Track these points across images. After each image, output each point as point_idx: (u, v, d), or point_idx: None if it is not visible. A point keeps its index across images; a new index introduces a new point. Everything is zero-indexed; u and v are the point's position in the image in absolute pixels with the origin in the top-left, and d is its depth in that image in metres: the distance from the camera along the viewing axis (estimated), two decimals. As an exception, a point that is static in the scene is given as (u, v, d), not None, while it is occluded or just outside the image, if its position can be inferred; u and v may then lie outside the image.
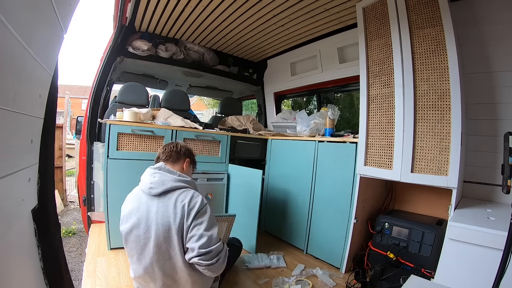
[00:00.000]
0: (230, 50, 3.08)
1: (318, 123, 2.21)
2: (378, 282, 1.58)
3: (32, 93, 0.69)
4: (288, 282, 1.64)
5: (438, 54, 1.41)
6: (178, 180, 1.17)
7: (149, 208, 1.13)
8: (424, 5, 1.45)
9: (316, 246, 2.06)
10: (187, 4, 2.10)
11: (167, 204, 1.11)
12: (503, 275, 0.81)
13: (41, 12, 0.63)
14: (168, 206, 1.11)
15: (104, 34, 42.26)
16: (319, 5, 1.97)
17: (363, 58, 1.73)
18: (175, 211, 1.09)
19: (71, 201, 4.81)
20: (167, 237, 1.09)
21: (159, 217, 1.10)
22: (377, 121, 1.66)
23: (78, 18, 44.44)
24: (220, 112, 3.24)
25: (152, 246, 1.10)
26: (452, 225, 1.14)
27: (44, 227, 0.79)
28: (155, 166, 1.23)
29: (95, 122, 2.31)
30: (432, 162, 1.42)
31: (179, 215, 1.09)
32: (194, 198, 1.13)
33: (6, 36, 0.49)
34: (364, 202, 1.80)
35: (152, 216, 1.11)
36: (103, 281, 1.52)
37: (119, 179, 1.87)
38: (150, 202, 1.14)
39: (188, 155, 1.34)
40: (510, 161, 0.89)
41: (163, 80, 3.57)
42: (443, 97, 1.39)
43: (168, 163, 1.26)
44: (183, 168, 1.31)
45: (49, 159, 0.86)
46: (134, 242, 1.15)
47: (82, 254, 2.89)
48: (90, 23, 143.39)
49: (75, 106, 16.56)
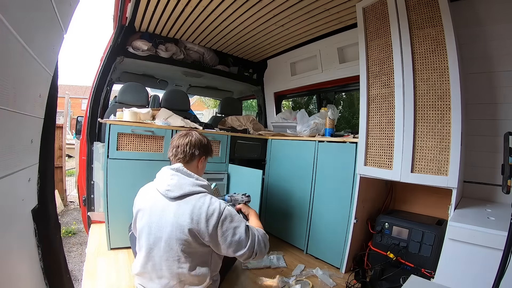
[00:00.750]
0: (230, 50, 3.08)
1: (318, 123, 2.21)
2: (378, 282, 1.58)
3: (32, 93, 0.69)
4: (288, 282, 1.64)
5: (438, 54, 1.41)
6: (196, 184, 1.16)
7: (164, 209, 1.13)
8: (424, 5, 1.45)
9: (316, 246, 2.06)
10: (187, 4, 2.10)
11: (185, 208, 1.10)
12: (503, 275, 0.81)
13: (41, 12, 0.63)
14: (185, 210, 1.10)
15: (104, 34, 42.27)
16: (319, 5, 1.97)
17: (363, 58, 1.73)
18: (192, 217, 1.08)
19: (71, 201, 4.81)
20: (179, 239, 1.09)
21: (175, 220, 1.10)
22: (377, 121, 1.66)
23: (78, 18, 44.37)
24: (220, 112, 3.24)
25: (163, 246, 1.11)
26: (452, 225, 1.14)
27: (44, 227, 0.79)
28: (173, 167, 1.20)
29: (95, 122, 2.31)
30: (432, 162, 1.42)
31: (195, 220, 1.08)
32: (212, 205, 1.11)
33: (6, 36, 0.49)
34: (364, 202, 1.80)
35: (167, 217, 1.11)
36: (103, 281, 1.52)
37: (119, 179, 1.87)
38: (165, 203, 1.14)
39: (204, 151, 1.30)
40: (510, 161, 0.89)
41: (163, 80, 3.57)
42: (443, 97, 1.39)
43: (184, 163, 1.24)
44: (198, 166, 1.30)
45: (49, 159, 0.86)
46: (146, 238, 1.16)
47: (82, 254, 2.89)
48: (90, 23, 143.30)
49: (75, 106, 16.57)
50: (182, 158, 1.24)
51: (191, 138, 1.26)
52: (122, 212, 1.89)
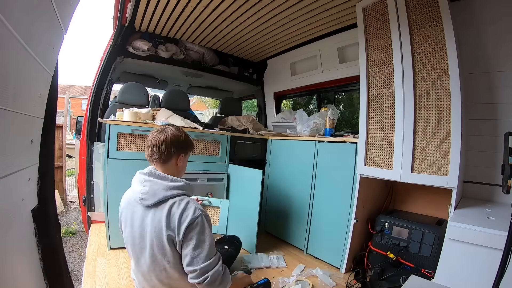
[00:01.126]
0: (230, 50, 3.08)
1: (318, 123, 2.21)
2: (378, 282, 1.58)
3: (32, 93, 0.69)
4: (288, 282, 1.64)
5: (438, 54, 1.41)
6: (171, 187, 1.09)
7: (143, 217, 1.09)
8: (424, 5, 1.45)
9: (316, 246, 2.06)
10: (187, 4, 2.10)
11: (160, 216, 1.05)
12: (503, 275, 0.81)
13: (41, 12, 0.63)
14: (161, 218, 1.05)
15: (104, 34, 42.27)
16: (319, 5, 1.97)
17: (363, 58, 1.73)
18: (167, 223, 1.04)
19: (71, 201, 4.81)
20: (160, 248, 1.06)
21: (152, 229, 1.06)
22: (377, 121, 1.66)
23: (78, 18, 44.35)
24: (220, 112, 3.24)
25: (148, 256, 1.08)
26: (452, 225, 1.14)
27: (44, 227, 0.79)
28: (145, 172, 1.13)
29: (95, 122, 2.31)
30: (432, 162, 1.42)
31: (171, 227, 1.04)
32: (186, 210, 1.05)
33: (6, 36, 0.49)
34: (364, 202, 1.80)
35: (146, 226, 1.08)
36: (103, 281, 1.52)
37: (119, 179, 1.86)
38: (143, 211, 1.09)
39: (182, 148, 1.19)
40: (510, 161, 0.89)
41: (163, 80, 3.57)
42: (443, 97, 1.39)
43: (159, 164, 1.16)
44: (177, 165, 1.19)
45: (49, 159, 0.86)
46: (131, 249, 1.14)
47: (82, 254, 2.89)
48: (90, 23, 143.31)
49: (75, 106, 16.55)
50: (158, 159, 1.14)
51: (166, 136, 1.14)
52: (122, 212, 1.89)
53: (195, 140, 2.16)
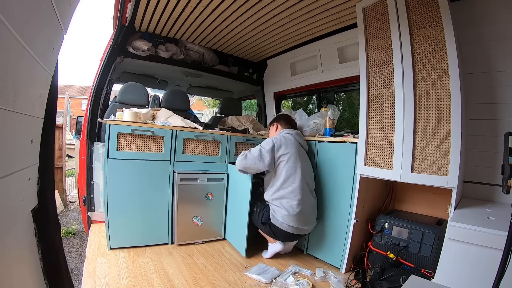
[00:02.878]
0: (230, 50, 3.08)
1: (318, 123, 2.21)
2: (378, 282, 1.58)
3: (32, 93, 0.69)
4: (288, 282, 1.64)
5: (438, 54, 1.41)
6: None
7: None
8: (424, 5, 1.45)
9: (316, 246, 2.06)
10: (187, 4, 2.10)
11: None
12: (503, 275, 0.81)
13: (41, 12, 0.63)
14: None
15: (104, 34, 42.24)
16: (319, 5, 1.97)
17: (363, 58, 1.73)
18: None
19: (71, 201, 4.81)
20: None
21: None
22: (377, 121, 1.66)
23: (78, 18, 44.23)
24: (220, 112, 3.23)
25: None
26: (452, 225, 1.14)
27: (44, 227, 0.79)
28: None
29: (95, 122, 2.31)
30: (432, 162, 1.42)
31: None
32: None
33: (6, 36, 0.49)
34: (364, 202, 1.80)
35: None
36: (103, 281, 1.52)
37: (119, 179, 1.87)
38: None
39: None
40: (510, 161, 0.89)
41: (163, 80, 3.57)
42: (443, 97, 1.39)
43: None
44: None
45: (49, 159, 0.86)
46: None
47: (82, 254, 2.90)
48: (90, 23, 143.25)
49: (75, 106, 16.57)
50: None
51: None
52: (122, 212, 1.89)
53: (195, 140, 2.16)
